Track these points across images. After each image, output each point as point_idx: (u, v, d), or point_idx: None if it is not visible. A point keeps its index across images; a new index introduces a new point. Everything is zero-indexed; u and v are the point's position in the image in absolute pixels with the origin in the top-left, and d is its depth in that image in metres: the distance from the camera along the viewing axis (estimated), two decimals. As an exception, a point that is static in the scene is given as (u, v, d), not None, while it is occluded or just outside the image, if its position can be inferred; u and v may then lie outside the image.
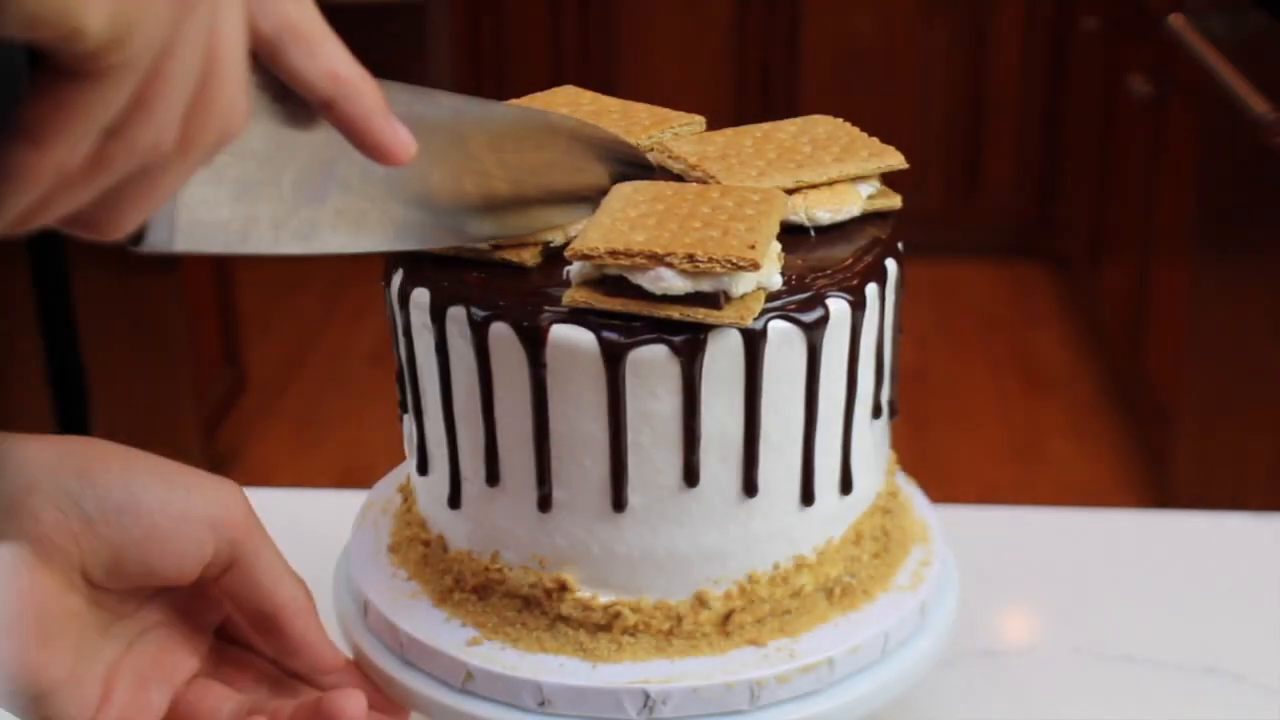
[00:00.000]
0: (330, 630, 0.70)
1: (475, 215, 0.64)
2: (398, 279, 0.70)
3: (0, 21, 0.36)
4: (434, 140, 0.60)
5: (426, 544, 0.73)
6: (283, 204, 0.54)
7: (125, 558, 0.61)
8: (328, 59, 0.50)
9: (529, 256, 0.68)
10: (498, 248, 0.67)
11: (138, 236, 0.49)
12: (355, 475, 2.86)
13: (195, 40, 0.41)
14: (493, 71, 3.74)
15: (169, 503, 0.62)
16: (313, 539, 0.81)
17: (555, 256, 0.68)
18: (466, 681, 0.68)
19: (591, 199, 0.68)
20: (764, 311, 0.64)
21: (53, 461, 0.61)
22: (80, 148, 0.40)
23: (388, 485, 0.81)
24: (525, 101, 0.78)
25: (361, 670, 0.71)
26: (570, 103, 0.79)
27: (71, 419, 2.28)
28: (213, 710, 0.65)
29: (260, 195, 0.53)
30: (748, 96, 3.73)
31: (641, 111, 0.78)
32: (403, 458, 0.77)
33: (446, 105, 0.62)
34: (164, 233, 0.50)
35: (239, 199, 0.52)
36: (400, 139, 0.53)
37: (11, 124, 0.39)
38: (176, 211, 0.50)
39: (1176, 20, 2.49)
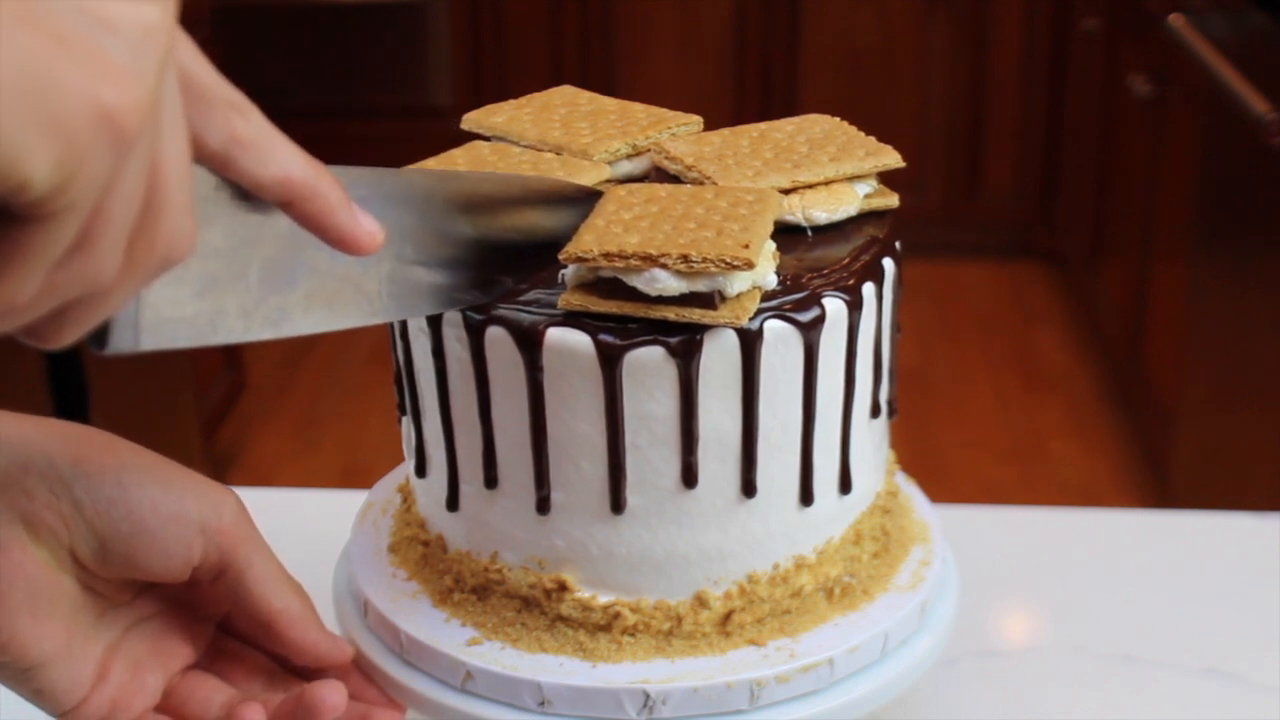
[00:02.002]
0: (330, 631, 0.70)
1: (453, 281, 0.64)
2: (396, 281, 0.70)
3: None
4: (405, 217, 0.60)
5: (426, 544, 0.73)
6: (250, 294, 0.54)
7: (110, 549, 0.61)
8: (279, 164, 0.49)
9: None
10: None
11: (101, 340, 0.49)
12: (355, 475, 2.87)
13: (136, 174, 0.41)
14: (493, 71, 3.74)
15: (160, 502, 0.62)
16: (313, 539, 0.81)
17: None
18: (466, 681, 0.68)
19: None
20: (760, 311, 0.64)
21: (51, 444, 0.61)
22: (28, 284, 0.40)
23: (387, 485, 0.81)
24: (524, 101, 0.79)
25: (361, 669, 0.71)
26: (568, 103, 0.79)
27: (71, 419, 2.28)
28: (205, 701, 0.65)
29: (226, 289, 0.53)
30: (748, 96, 3.73)
31: (639, 112, 0.78)
32: (402, 458, 0.77)
33: (417, 182, 0.61)
34: (128, 334, 0.49)
35: (204, 295, 0.52)
36: (365, 230, 0.52)
37: None
38: (140, 312, 0.49)
39: (1176, 20, 2.49)
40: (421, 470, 0.73)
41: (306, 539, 0.80)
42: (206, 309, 0.52)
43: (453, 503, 0.70)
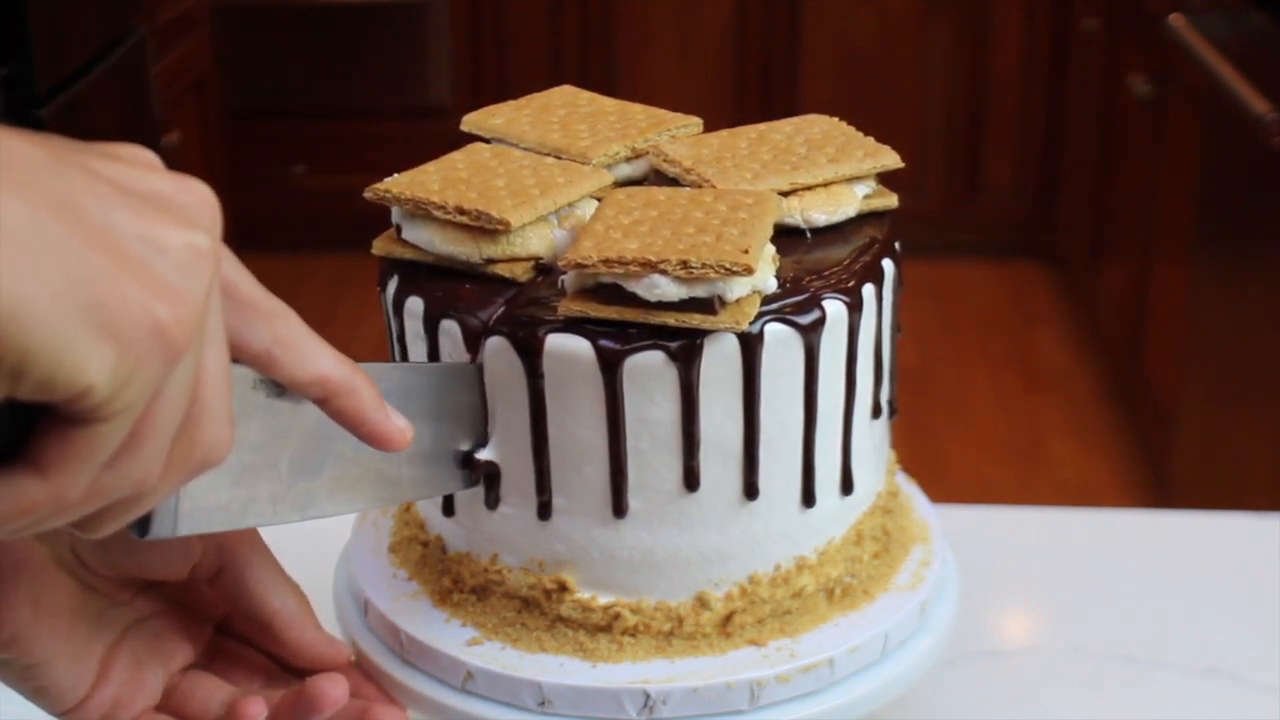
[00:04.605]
0: (330, 630, 0.70)
1: (464, 467, 0.67)
2: (393, 286, 0.70)
3: (15, 388, 0.40)
4: (425, 406, 0.64)
5: (425, 545, 0.73)
6: (280, 482, 0.57)
7: (111, 546, 0.61)
8: (317, 364, 0.53)
9: (520, 271, 0.68)
10: (490, 262, 0.67)
11: (143, 527, 0.52)
12: (355, 476, 2.86)
13: (182, 383, 0.45)
14: (493, 71, 3.74)
15: None
16: (313, 539, 0.81)
17: (547, 270, 0.68)
18: (466, 681, 0.68)
19: None
20: (760, 314, 0.64)
21: None
22: (81, 482, 0.43)
23: (387, 486, 0.81)
24: (524, 102, 0.79)
25: (361, 670, 0.71)
26: (568, 104, 0.79)
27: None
28: (205, 700, 0.65)
29: (259, 478, 0.56)
30: (747, 97, 3.73)
31: (638, 113, 0.78)
32: (402, 459, 0.77)
33: (434, 372, 0.66)
34: (168, 522, 0.53)
35: (238, 483, 0.55)
36: (395, 427, 0.56)
37: (20, 455, 0.43)
38: (180, 501, 0.53)
39: (1176, 20, 2.50)
40: (420, 472, 0.73)
41: (306, 539, 0.80)
42: (240, 496, 0.56)
43: (448, 508, 0.70)
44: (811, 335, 0.65)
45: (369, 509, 0.63)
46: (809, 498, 0.69)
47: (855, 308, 0.67)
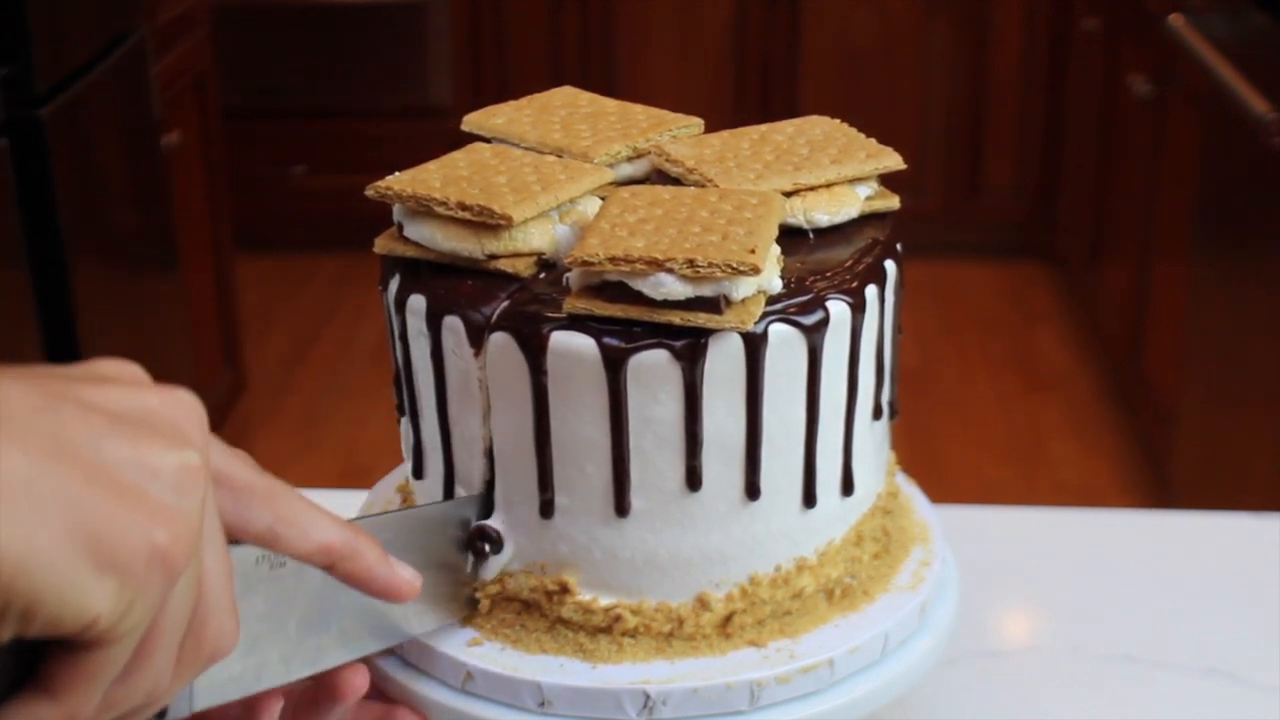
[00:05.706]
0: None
1: (465, 604, 0.69)
2: (394, 284, 0.70)
3: (25, 629, 0.42)
4: (426, 545, 0.65)
5: (426, 545, 0.73)
6: (290, 643, 0.59)
7: None
8: (321, 534, 0.55)
9: (523, 266, 0.68)
10: (493, 257, 0.67)
11: (161, 713, 0.53)
12: (355, 475, 2.86)
13: (184, 595, 0.46)
14: (493, 71, 3.74)
15: None
16: (313, 540, 0.80)
17: (549, 266, 0.68)
18: (467, 682, 0.68)
19: None
20: (764, 314, 0.64)
21: None
22: (92, 700, 0.45)
23: (387, 485, 0.81)
24: (525, 102, 0.79)
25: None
26: (569, 104, 0.79)
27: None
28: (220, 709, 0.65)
29: (268, 644, 0.58)
30: (748, 97, 3.73)
31: (639, 113, 0.78)
32: (403, 458, 0.77)
33: (433, 513, 0.68)
34: (184, 705, 0.54)
35: (249, 654, 0.56)
36: (402, 580, 0.58)
37: (31, 681, 0.44)
38: (193, 683, 0.54)
39: (1176, 20, 2.50)
40: (419, 472, 0.73)
41: (307, 539, 0.79)
42: (252, 665, 0.57)
43: (451, 507, 0.70)
44: (815, 336, 0.65)
45: (378, 651, 0.65)
46: (810, 498, 0.69)
47: (858, 308, 0.67)
